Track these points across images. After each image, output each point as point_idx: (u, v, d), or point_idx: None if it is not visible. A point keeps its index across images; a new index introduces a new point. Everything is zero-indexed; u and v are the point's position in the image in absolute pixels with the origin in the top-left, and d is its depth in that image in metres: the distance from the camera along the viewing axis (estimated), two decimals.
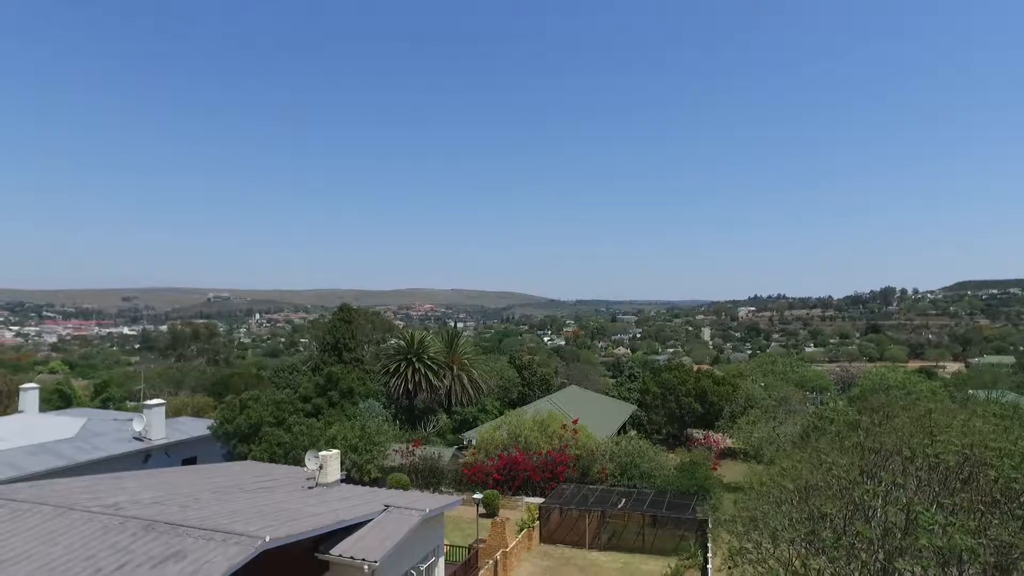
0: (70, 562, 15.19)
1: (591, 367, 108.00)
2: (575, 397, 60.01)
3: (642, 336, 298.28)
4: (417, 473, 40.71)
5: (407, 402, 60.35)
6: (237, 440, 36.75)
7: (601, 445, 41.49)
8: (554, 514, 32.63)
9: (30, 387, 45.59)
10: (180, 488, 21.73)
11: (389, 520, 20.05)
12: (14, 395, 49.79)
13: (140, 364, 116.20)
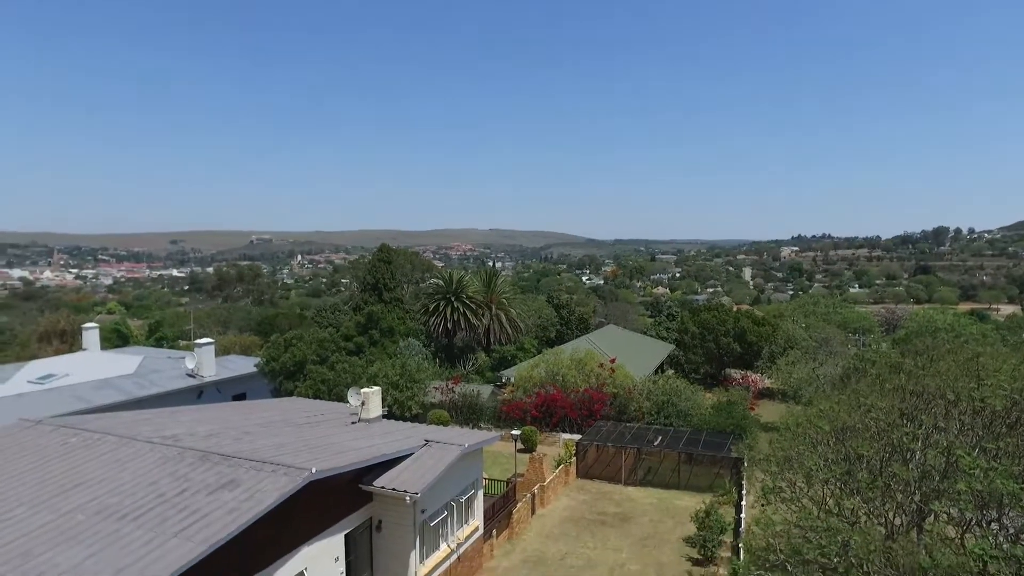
0: (137, 487, 16.24)
1: (629, 306, 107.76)
2: (613, 336, 60.22)
3: (681, 276, 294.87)
4: (456, 410, 41.81)
5: (446, 341, 61.45)
6: (283, 377, 38.15)
7: (638, 384, 41.82)
8: (591, 450, 33.33)
9: (91, 327, 47.90)
10: (231, 422, 22.80)
11: (429, 454, 20.75)
12: (77, 334, 52.37)
13: (189, 305, 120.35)
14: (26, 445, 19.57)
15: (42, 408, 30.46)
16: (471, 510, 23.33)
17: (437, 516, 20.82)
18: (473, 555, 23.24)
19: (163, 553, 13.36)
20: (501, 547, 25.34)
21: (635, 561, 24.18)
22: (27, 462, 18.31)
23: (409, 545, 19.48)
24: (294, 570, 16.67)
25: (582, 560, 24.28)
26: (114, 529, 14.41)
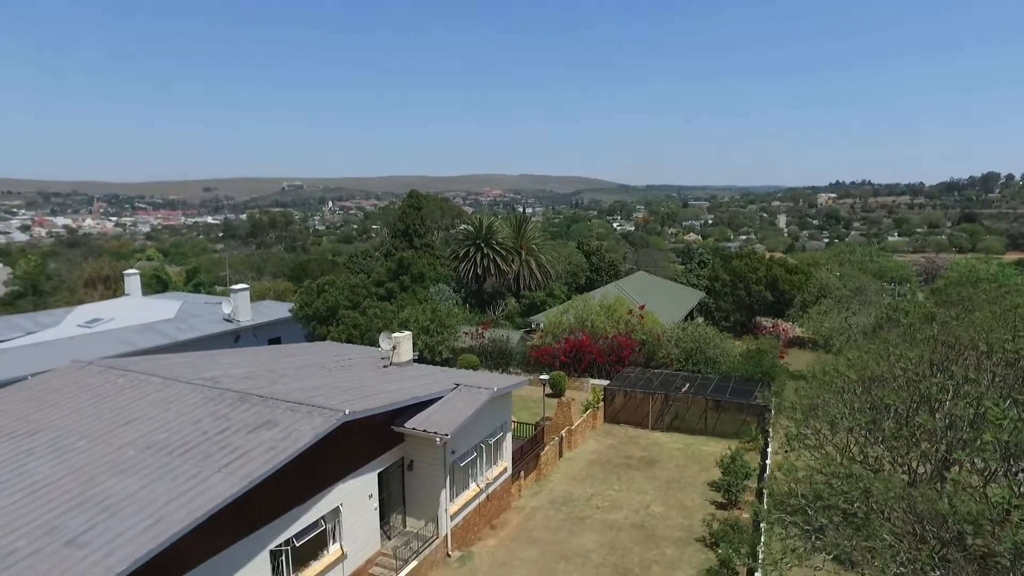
0: (181, 425, 17.08)
1: (660, 253, 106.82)
2: (643, 283, 60.01)
3: (714, 222, 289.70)
4: (486, 354, 42.49)
5: (476, 286, 61.95)
6: (316, 322, 39.05)
7: (667, 331, 41.86)
8: (618, 396, 33.77)
9: (132, 273, 49.37)
10: (268, 365, 23.60)
11: (459, 397, 21.28)
12: (120, 280, 54.08)
13: (224, 251, 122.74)
14: (81, 384, 20.60)
15: (91, 350, 31.85)
16: (500, 452, 24.02)
17: (467, 457, 21.51)
18: (502, 495, 24.05)
19: (208, 486, 14.14)
20: (529, 488, 26.14)
21: (660, 503, 24.77)
22: (83, 400, 19.32)
23: (440, 484, 20.24)
24: (331, 505, 17.51)
25: (608, 501, 24.96)
26: (163, 463, 15.25)
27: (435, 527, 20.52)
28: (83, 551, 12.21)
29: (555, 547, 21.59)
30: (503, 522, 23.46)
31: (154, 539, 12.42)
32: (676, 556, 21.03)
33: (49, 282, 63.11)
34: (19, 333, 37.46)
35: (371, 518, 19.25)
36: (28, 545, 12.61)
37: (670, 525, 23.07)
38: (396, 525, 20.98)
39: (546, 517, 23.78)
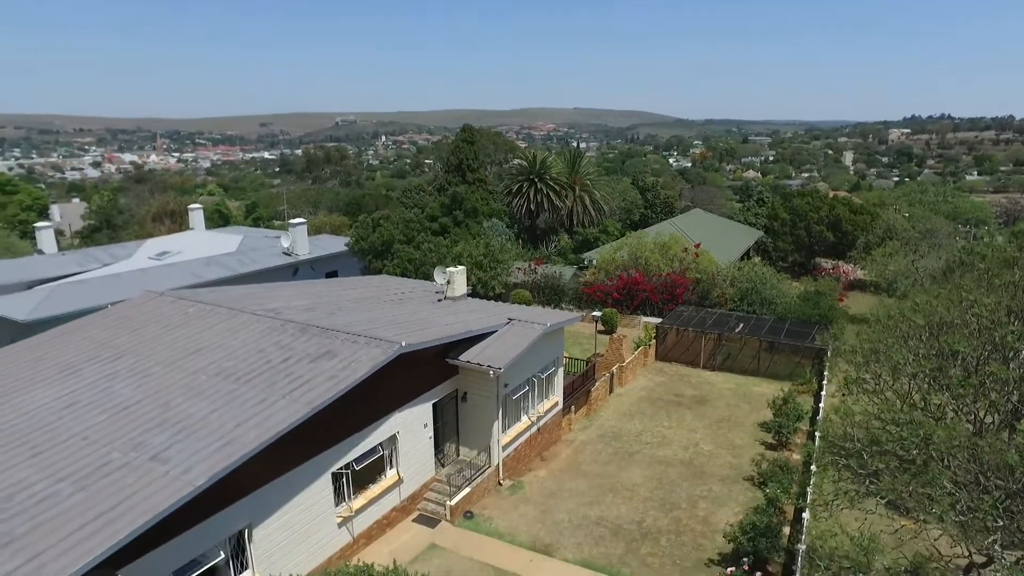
0: (247, 353, 17.92)
1: (717, 190, 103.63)
2: (698, 221, 58.61)
3: (775, 159, 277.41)
4: (539, 290, 42.70)
5: (529, 222, 61.70)
6: (372, 256, 39.77)
7: (722, 270, 41.07)
8: (671, 334, 33.61)
9: (195, 208, 51.04)
10: (326, 298, 24.32)
11: (512, 332, 21.57)
12: (184, 214, 56.02)
13: (281, 186, 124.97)
14: (154, 314, 21.74)
15: (161, 282, 33.37)
16: (551, 386, 24.43)
17: (519, 390, 21.97)
18: (552, 428, 24.60)
19: (273, 412, 14.92)
20: (579, 422, 26.63)
21: (709, 441, 24.93)
22: (157, 328, 20.42)
23: (492, 416, 20.81)
24: (387, 433, 18.27)
25: (657, 437, 25.25)
26: (231, 389, 16.11)
27: (487, 457, 21.24)
28: (166, 466, 13.17)
29: (603, 480, 22.11)
30: (553, 454, 24.08)
31: (227, 458, 13.28)
32: (723, 493, 21.28)
33: (120, 216, 65.91)
34: (97, 265, 39.56)
35: (426, 446, 20.04)
36: (121, 457, 13.68)
37: (718, 463, 23.26)
38: (450, 454, 21.81)
39: (595, 451, 24.28)
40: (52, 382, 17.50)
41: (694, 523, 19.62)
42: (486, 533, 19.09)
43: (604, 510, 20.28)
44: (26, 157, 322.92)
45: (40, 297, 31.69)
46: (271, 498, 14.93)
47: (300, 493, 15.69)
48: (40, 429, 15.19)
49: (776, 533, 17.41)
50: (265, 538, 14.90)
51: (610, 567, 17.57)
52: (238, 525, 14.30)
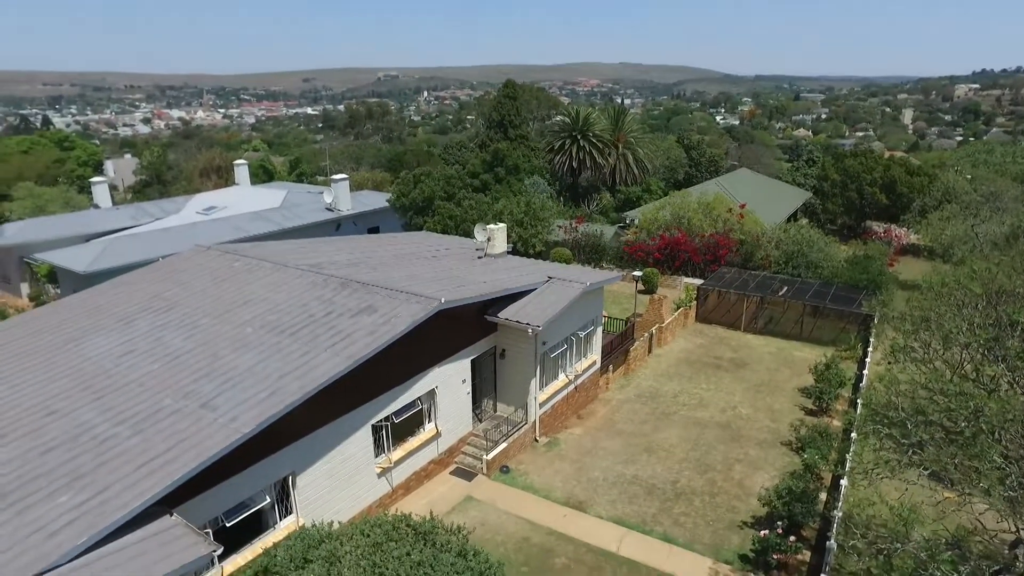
0: (291, 307, 18.35)
1: (765, 150, 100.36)
2: (744, 180, 57.03)
3: (828, 117, 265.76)
4: (579, 249, 42.45)
5: (571, 180, 60.99)
6: (413, 212, 39.95)
7: (767, 231, 40.08)
8: (712, 296, 33.14)
9: (241, 163, 51.89)
10: (367, 253, 24.61)
11: (552, 290, 21.55)
12: (230, 170, 57.02)
13: (324, 142, 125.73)
14: (203, 267, 22.37)
15: (209, 236, 34.23)
16: (590, 345, 24.45)
17: (557, 349, 22.06)
18: (590, 387, 24.72)
19: (316, 364, 15.32)
20: (617, 382, 26.68)
21: (747, 405, 24.73)
22: (205, 281, 21.03)
23: (530, 373, 20.99)
24: (427, 387, 18.62)
25: (695, 399, 25.16)
26: (276, 341, 16.57)
27: (524, 413, 21.52)
28: (215, 413, 13.72)
29: (639, 439, 22.22)
30: (589, 412, 24.26)
31: (272, 407, 13.75)
32: (760, 457, 21.20)
33: (170, 172, 67.43)
34: (149, 219, 40.80)
35: (464, 401, 20.39)
36: (173, 404, 14.31)
37: (756, 427, 23.11)
38: (487, 409, 22.16)
39: (632, 410, 24.35)
40: (110, 331, 18.28)
41: (729, 485, 19.64)
42: (521, 487, 19.47)
43: (639, 469, 20.44)
44: (81, 114, 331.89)
45: (97, 250, 32.93)
46: (313, 447, 15.46)
47: (341, 443, 16.19)
48: (101, 375, 15.95)
49: (812, 499, 17.31)
50: (308, 485, 15.49)
51: (643, 525, 17.79)
52: (282, 472, 14.88)
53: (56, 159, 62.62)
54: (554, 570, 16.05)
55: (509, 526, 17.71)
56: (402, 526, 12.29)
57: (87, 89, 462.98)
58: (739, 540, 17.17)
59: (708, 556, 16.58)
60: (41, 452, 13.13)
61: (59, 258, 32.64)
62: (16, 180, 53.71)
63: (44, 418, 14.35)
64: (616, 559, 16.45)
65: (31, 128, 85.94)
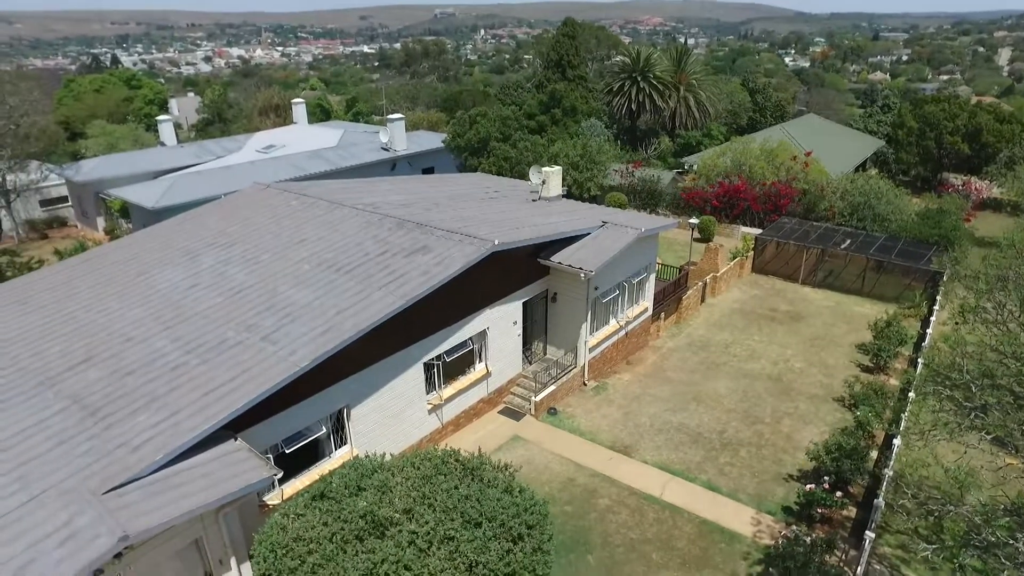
0: (347, 246, 18.73)
1: (837, 94, 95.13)
2: (811, 127, 54.41)
3: (909, 59, 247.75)
4: (635, 194, 41.69)
5: (629, 123, 59.41)
6: (468, 153, 39.76)
7: (833, 181, 38.38)
8: (770, 246, 32.21)
9: (299, 102, 52.31)
10: (422, 194, 24.74)
11: (606, 235, 21.32)
12: (288, 109, 57.57)
13: (380, 81, 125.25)
14: (262, 204, 22.95)
15: (268, 174, 34.97)
16: (642, 292, 24.26)
17: (609, 294, 21.97)
18: (640, 333, 24.65)
19: (371, 302, 15.69)
20: (667, 329, 26.52)
21: (800, 359, 24.27)
22: (264, 218, 21.61)
23: (581, 317, 21.04)
24: (478, 328, 18.91)
25: (746, 351, 24.83)
26: (332, 279, 17.01)
27: (573, 357, 21.68)
28: (274, 347, 14.31)
29: (688, 388, 22.18)
30: (639, 359, 24.27)
31: (328, 343, 14.23)
32: (810, 411, 20.91)
33: (230, 110, 68.58)
34: (211, 157, 41.87)
35: (514, 343, 20.65)
36: (236, 336, 14.97)
37: (808, 381, 22.72)
38: (537, 352, 22.41)
39: (682, 359, 24.24)
40: (178, 265, 19.10)
41: (776, 438, 19.51)
42: (568, 430, 19.81)
43: (686, 417, 20.48)
44: (147, 52, 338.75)
45: (164, 187, 34.14)
46: (367, 382, 16.01)
47: (394, 380, 16.71)
48: (170, 306, 16.77)
49: (863, 456, 17.04)
50: (361, 418, 16.13)
51: (687, 472, 17.94)
52: (337, 404, 15.51)
53: (125, 97, 64.50)
54: (597, 510, 16.43)
55: (555, 466, 18.13)
56: (451, 461, 12.71)
57: (151, 28, 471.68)
58: (783, 492, 17.16)
59: (751, 506, 16.66)
60: (122, 375, 14.04)
61: (130, 194, 34.05)
62: (89, 118, 55.71)
63: (123, 344, 15.27)
64: (659, 503, 16.71)
65: (101, 67, 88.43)
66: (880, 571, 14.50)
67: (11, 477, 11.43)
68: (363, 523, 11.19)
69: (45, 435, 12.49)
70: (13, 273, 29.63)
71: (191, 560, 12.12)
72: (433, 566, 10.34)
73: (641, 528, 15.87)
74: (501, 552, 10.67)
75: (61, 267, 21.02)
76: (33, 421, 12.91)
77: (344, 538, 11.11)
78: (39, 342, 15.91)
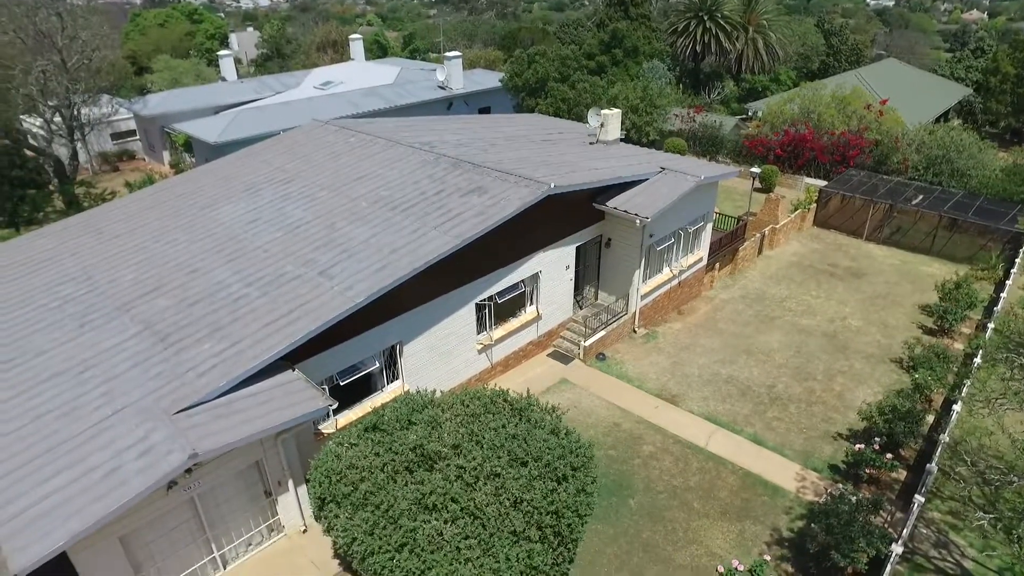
0: (403, 184, 18.84)
1: (921, 36, 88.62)
2: (890, 73, 51.08)
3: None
4: (695, 140, 40.38)
5: (692, 65, 57.01)
6: (525, 93, 38.99)
7: (909, 132, 36.25)
8: (835, 199, 30.90)
9: (356, 38, 51.95)
10: (479, 134, 24.50)
11: (664, 182, 20.81)
12: (345, 45, 57.26)
13: (437, 17, 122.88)
14: (320, 141, 23.17)
15: (325, 111, 35.17)
16: (697, 241, 23.76)
17: (664, 242, 21.60)
18: (693, 283, 24.27)
19: (426, 241, 15.84)
20: (722, 280, 26.03)
21: (858, 317, 23.54)
22: (322, 155, 21.86)
23: (634, 264, 20.80)
24: (531, 271, 18.93)
25: (802, 306, 24.21)
26: (388, 216, 17.19)
27: (625, 304, 21.57)
28: (331, 282, 14.68)
29: (739, 340, 21.87)
30: (691, 309, 23.98)
31: (384, 280, 14.49)
32: (865, 371, 20.38)
33: (288, 46, 68.62)
34: (271, 92, 42.28)
35: (566, 288, 20.64)
36: (294, 270, 15.41)
37: (865, 340, 22.07)
38: (588, 297, 22.37)
39: (734, 311, 23.84)
40: (239, 199, 19.60)
41: (828, 396, 19.17)
42: (616, 376, 19.91)
43: (735, 370, 20.28)
44: None
45: (226, 122, 34.78)
46: (420, 320, 16.32)
47: (446, 319, 16.98)
48: (232, 239, 17.31)
49: (918, 419, 16.59)
50: (413, 355, 16.53)
51: (733, 424, 17.88)
52: (390, 340, 15.90)
53: (187, 32, 65.23)
54: (641, 456, 16.62)
55: (601, 411, 18.32)
56: (499, 400, 12.98)
57: None
58: (831, 451, 16.96)
59: (796, 462, 16.55)
60: (189, 304, 14.70)
61: (193, 128, 34.84)
62: (154, 52, 56.73)
63: (189, 275, 15.92)
64: (703, 453, 16.77)
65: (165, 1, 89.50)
66: (927, 535, 14.33)
67: (98, 392, 12.36)
68: (413, 456, 11.63)
69: (123, 356, 13.30)
70: (89, 204, 31.09)
71: (252, 480, 12.88)
72: (479, 500, 10.71)
73: (684, 476, 16.01)
74: (546, 491, 10.96)
75: (132, 199, 21.86)
76: (113, 343, 13.76)
77: (395, 468, 11.59)
78: (115, 270, 16.74)
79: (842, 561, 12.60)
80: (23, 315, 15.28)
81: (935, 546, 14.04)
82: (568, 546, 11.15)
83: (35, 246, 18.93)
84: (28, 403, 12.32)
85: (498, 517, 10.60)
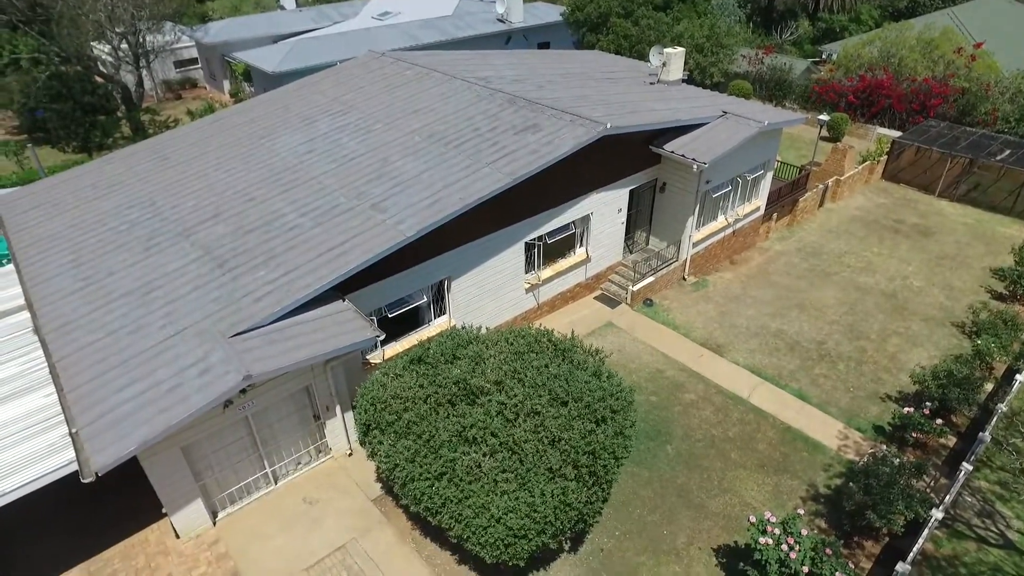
0: (457, 119, 18.67)
1: None
2: (991, 11, 46.80)
3: None
4: (762, 83, 38.49)
5: (765, 2, 53.82)
6: (586, 29, 37.66)
7: (1004, 80, 33.53)
8: (908, 151, 29.22)
9: None
10: (536, 70, 23.90)
11: (725, 126, 20.04)
12: None
13: None
14: (376, 73, 23.02)
15: (382, 42, 34.79)
16: (756, 190, 22.97)
17: (720, 189, 20.97)
18: (749, 233, 23.62)
19: (478, 178, 15.78)
20: (778, 232, 25.24)
21: (921, 277, 22.56)
22: (378, 88, 21.75)
23: (688, 211, 20.32)
24: (582, 212, 18.71)
25: (861, 262, 23.34)
26: (441, 152, 17.14)
27: (676, 251, 21.21)
28: (383, 215, 14.85)
29: (791, 294, 21.34)
30: (744, 259, 23.43)
31: (434, 215, 14.58)
32: (922, 334, 19.66)
33: None
34: (328, 22, 41.96)
35: (617, 231, 20.37)
36: (346, 202, 15.64)
37: (926, 302, 21.20)
38: (639, 242, 22.06)
39: (789, 263, 23.18)
40: (295, 130, 19.81)
41: (880, 357, 18.64)
42: (662, 322, 19.78)
43: (785, 324, 19.87)
44: None
45: (283, 52, 34.84)
46: (469, 257, 16.44)
47: (495, 256, 17.05)
48: (288, 170, 17.60)
49: (975, 387, 15.96)
50: (461, 291, 16.74)
51: (778, 378, 17.66)
52: (439, 276, 16.11)
53: None
54: (682, 404, 16.66)
55: (644, 356, 18.33)
56: (543, 340, 13.12)
57: None
58: (877, 412, 16.62)
59: (840, 420, 16.31)
60: (245, 232, 15.16)
61: (252, 58, 35.06)
62: None
63: (246, 203, 16.35)
64: (745, 405, 16.68)
65: None
66: (971, 503, 14.06)
67: (162, 312, 13.09)
68: (456, 389, 11.94)
69: (184, 279, 13.92)
70: (154, 131, 31.98)
71: (302, 403, 13.50)
72: (518, 436, 10.99)
73: (724, 426, 16.01)
74: (584, 431, 11.15)
75: (193, 127, 22.35)
76: (176, 266, 14.39)
77: (438, 400, 11.94)
78: (177, 196, 17.32)
79: (878, 522, 12.52)
80: (97, 236, 16.08)
81: (979, 515, 13.79)
82: (603, 486, 11.40)
83: (105, 171, 19.68)
84: (103, 319, 13.17)
85: (535, 453, 10.87)
